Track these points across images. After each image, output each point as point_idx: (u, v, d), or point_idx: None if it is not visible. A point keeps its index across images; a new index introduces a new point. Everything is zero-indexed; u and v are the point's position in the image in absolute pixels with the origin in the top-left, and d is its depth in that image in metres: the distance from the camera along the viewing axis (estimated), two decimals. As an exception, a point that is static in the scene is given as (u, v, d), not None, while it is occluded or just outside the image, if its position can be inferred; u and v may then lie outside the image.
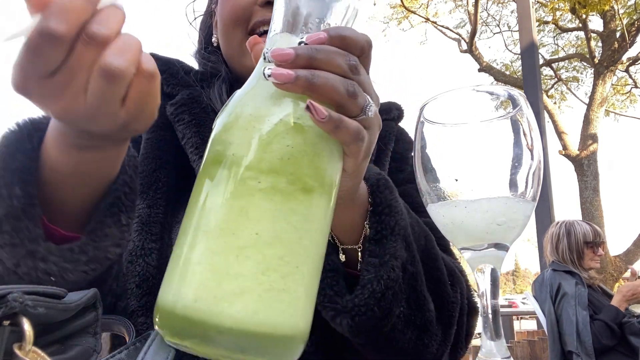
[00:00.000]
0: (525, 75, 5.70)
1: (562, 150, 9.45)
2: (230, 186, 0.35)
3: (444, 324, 0.58)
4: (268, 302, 0.33)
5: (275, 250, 0.34)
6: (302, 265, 0.35)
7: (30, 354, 0.28)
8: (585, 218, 8.32)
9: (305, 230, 0.36)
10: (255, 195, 0.35)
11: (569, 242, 2.75)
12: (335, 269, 0.54)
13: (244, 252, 0.33)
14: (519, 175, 0.38)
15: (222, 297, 0.32)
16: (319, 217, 0.37)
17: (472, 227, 0.38)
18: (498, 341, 0.37)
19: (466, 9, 11.45)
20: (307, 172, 0.36)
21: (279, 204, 0.35)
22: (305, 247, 0.36)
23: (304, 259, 0.36)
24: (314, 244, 0.37)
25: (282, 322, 0.34)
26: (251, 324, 0.32)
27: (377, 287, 0.51)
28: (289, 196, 0.35)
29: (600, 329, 2.49)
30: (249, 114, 0.37)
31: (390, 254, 0.52)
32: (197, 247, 0.34)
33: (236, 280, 0.33)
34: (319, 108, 0.35)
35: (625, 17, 9.32)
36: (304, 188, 0.36)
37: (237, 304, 0.32)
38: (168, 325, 0.34)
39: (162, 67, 0.79)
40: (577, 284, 2.62)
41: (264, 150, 0.35)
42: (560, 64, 11.82)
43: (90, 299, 0.37)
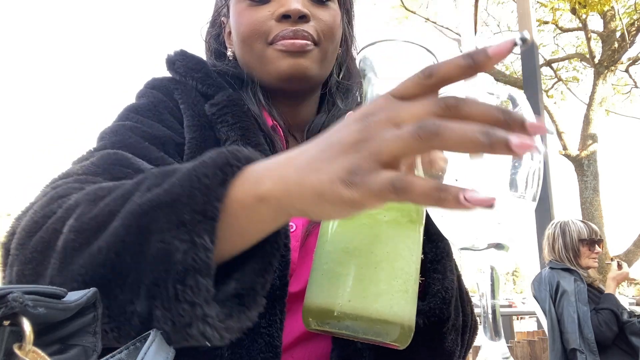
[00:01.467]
0: (525, 75, 5.70)
1: (562, 150, 9.45)
2: (364, 218, 0.49)
3: (461, 331, 0.70)
4: (398, 300, 0.47)
5: (399, 263, 0.48)
6: (413, 273, 0.50)
7: (30, 354, 0.28)
8: (585, 218, 8.32)
9: (414, 249, 0.50)
10: (383, 226, 0.49)
11: (564, 240, 2.77)
12: None
13: (380, 265, 0.47)
14: (519, 175, 0.37)
15: (368, 297, 0.46)
16: (419, 239, 0.51)
17: (471, 227, 0.38)
18: (498, 341, 0.37)
19: (466, 9, 11.43)
20: (412, 208, 0.50)
21: (398, 231, 0.49)
22: (414, 261, 0.50)
23: (414, 269, 0.50)
24: (418, 258, 0.51)
25: (405, 315, 0.48)
26: (387, 316, 0.46)
27: (446, 295, 0.63)
28: (404, 226, 0.49)
29: (607, 317, 2.51)
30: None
31: (449, 270, 0.65)
32: (344, 263, 0.48)
33: (377, 285, 0.47)
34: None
35: (625, 17, 9.33)
36: (410, 220, 0.50)
37: (380, 302, 0.46)
38: (322, 320, 0.48)
39: (196, 65, 0.78)
40: (576, 281, 2.63)
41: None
42: (560, 64, 11.82)
43: (90, 299, 0.37)
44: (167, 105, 0.74)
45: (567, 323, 2.56)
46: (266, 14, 0.74)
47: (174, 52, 0.81)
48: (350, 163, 0.35)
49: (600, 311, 2.55)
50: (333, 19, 0.77)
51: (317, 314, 0.48)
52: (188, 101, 0.74)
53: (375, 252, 0.47)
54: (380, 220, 0.48)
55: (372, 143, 0.35)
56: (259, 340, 0.61)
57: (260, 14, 0.74)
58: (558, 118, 10.11)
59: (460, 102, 0.34)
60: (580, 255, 2.74)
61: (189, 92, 0.76)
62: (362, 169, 0.34)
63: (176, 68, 0.78)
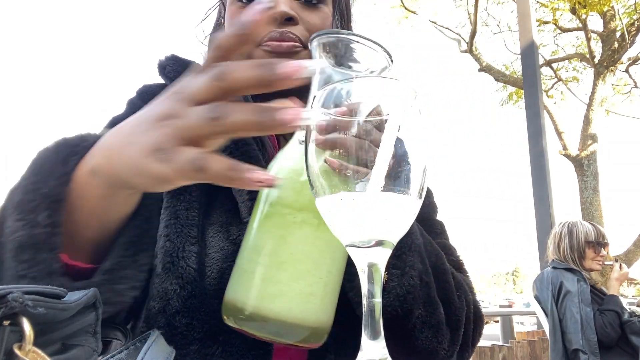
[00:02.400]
0: (525, 75, 5.70)
1: (562, 150, 9.45)
2: (275, 219, 0.49)
3: (452, 327, 0.67)
4: (298, 302, 0.47)
5: (305, 265, 0.48)
6: (325, 276, 0.49)
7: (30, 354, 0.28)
8: (585, 218, 8.32)
9: (327, 252, 0.49)
10: (291, 227, 0.48)
11: (571, 241, 2.76)
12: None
13: (282, 266, 0.47)
14: (405, 172, 0.38)
15: (267, 297, 0.46)
16: (337, 242, 0.46)
17: (357, 222, 0.37)
18: (376, 341, 0.37)
19: (466, 9, 11.45)
20: None
21: (308, 232, 0.48)
22: (326, 264, 0.49)
23: (326, 272, 0.49)
24: (334, 261, 0.50)
25: (309, 317, 0.47)
26: (286, 317, 0.46)
27: (400, 292, 0.60)
28: (315, 227, 0.48)
29: (612, 318, 2.51)
30: (289, 167, 0.50)
31: (409, 266, 0.62)
32: (252, 262, 0.49)
33: (276, 286, 0.47)
34: (332, 161, 0.41)
35: (625, 17, 9.32)
36: (323, 221, 0.46)
37: (277, 302, 0.46)
38: (233, 316, 0.48)
39: (186, 69, 0.78)
40: (579, 281, 2.63)
41: (298, 194, 0.48)
42: (560, 64, 11.82)
43: (90, 299, 0.37)
44: None
45: (569, 324, 2.55)
46: None
47: (165, 57, 0.81)
48: (157, 139, 0.37)
49: (604, 312, 2.55)
50: (322, 22, 0.77)
51: (230, 311, 0.49)
52: None
53: (279, 253, 0.47)
54: (289, 221, 0.48)
55: (177, 120, 0.37)
56: (236, 339, 0.61)
57: None
58: (558, 118, 10.10)
59: (225, 73, 0.37)
60: (585, 257, 2.72)
61: None
62: (167, 145, 0.37)
63: (166, 73, 0.79)
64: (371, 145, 0.43)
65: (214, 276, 0.64)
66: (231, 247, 0.65)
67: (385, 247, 0.39)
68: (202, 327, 0.62)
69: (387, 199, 0.37)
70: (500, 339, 6.39)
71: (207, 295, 0.63)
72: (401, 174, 0.37)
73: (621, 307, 2.57)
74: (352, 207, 0.37)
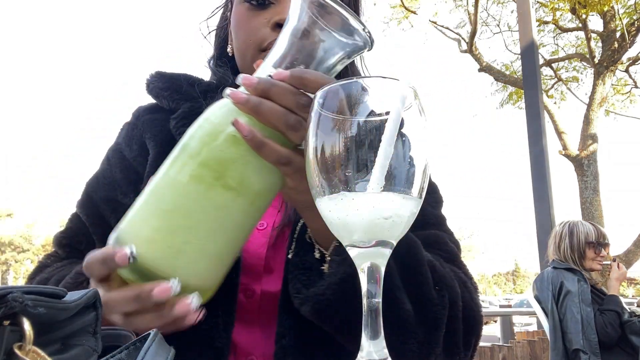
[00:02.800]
0: (525, 75, 5.70)
1: (562, 150, 9.45)
2: (176, 165, 0.48)
3: (427, 325, 0.60)
4: (166, 255, 0.46)
5: (186, 222, 0.46)
6: (203, 240, 0.47)
7: (30, 354, 0.28)
8: (585, 218, 8.32)
9: (215, 217, 0.47)
10: (187, 179, 0.46)
11: (571, 241, 2.75)
12: (308, 267, 0.61)
13: (163, 214, 0.46)
14: (407, 172, 0.38)
15: (141, 238, 0.46)
16: (232, 212, 0.47)
17: (358, 221, 0.37)
18: (376, 341, 0.37)
19: (466, 9, 11.45)
20: (231, 175, 0.47)
21: (201, 190, 0.46)
22: (209, 228, 0.47)
23: (206, 236, 0.47)
24: (223, 230, 0.48)
25: (174, 273, 0.45)
26: (150, 265, 0.45)
27: (333, 280, 0.57)
28: (210, 187, 0.46)
29: (612, 318, 2.51)
30: (205, 118, 0.49)
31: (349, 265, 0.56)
32: (142, 199, 0.48)
33: (151, 232, 0.46)
34: (242, 125, 0.46)
35: (625, 17, 9.33)
36: (224, 185, 0.46)
37: (146, 247, 0.45)
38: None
39: (165, 84, 0.83)
40: (580, 281, 2.62)
41: (204, 148, 0.47)
42: (560, 64, 11.82)
43: (90, 298, 0.37)
44: (137, 137, 0.83)
45: (570, 323, 2.55)
46: (262, 21, 0.74)
47: (150, 75, 0.85)
48: None
49: (605, 312, 2.55)
50: None
51: (114, 242, 0.48)
52: (154, 123, 0.81)
53: (165, 199, 0.47)
54: (185, 171, 0.47)
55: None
56: (198, 343, 0.62)
57: (257, 21, 0.75)
58: (558, 118, 10.10)
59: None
60: (585, 257, 2.72)
61: (159, 113, 0.82)
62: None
63: (150, 91, 0.83)
64: (302, 121, 0.47)
65: None
66: None
67: (385, 247, 0.39)
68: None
69: (387, 199, 0.37)
70: (500, 339, 6.39)
71: None
72: (401, 174, 0.37)
73: (621, 307, 2.57)
74: (352, 207, 0.37)
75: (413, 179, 0.38)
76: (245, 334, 0.68)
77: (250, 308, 0.68)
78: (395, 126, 0.37)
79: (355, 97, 0.39)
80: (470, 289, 0.69)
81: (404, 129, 0.38)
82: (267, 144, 0.47)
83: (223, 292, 0.63)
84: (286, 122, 0.47)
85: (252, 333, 0.68)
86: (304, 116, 0.46)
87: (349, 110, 0.39)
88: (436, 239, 0.75)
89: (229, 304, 0.64)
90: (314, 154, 0.39)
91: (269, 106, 0.47)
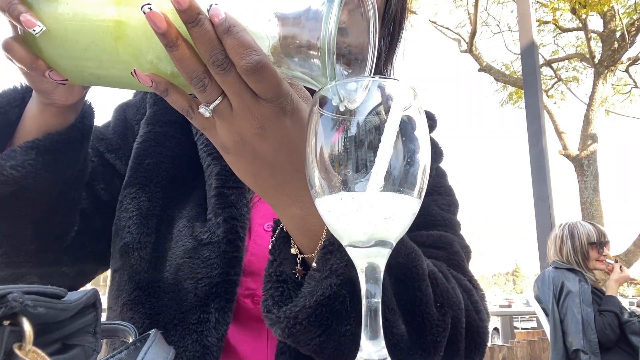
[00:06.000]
0: (525, 75, 5.70)
1: (562, 150, 9.46)
2: None
3: (425, 349, 0.55)
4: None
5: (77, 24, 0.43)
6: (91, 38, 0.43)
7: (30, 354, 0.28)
8: (585, 218, 8.32)
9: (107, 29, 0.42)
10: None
11: (573, 244, 2.74)
12: (284, 280, 0.53)
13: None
14: (407, 172, 0.38)
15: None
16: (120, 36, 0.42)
17: (357, 221, 0.37)
18: (375, 340, 0.37)
19: (466, 9, 11.45)
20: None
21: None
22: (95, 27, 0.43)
23: (95, 36, 0.43)
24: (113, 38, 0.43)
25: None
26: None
27: (308, 303, 0.49)
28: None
29: (611, 320, 2.51)
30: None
31: (330, 269, 0.50)
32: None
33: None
34: (142, 76, 0.42)
35: (625, 17, 9.33)
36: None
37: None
38: None
39: None
40: (580, 281, 2.62)
41: None
42: (560, 64, 11.82)
43: (90, 298, 0.37)
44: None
45: (571, 324, 2.55)
46: None
47: None
48: None
49: (603, 313, 2.55)
50: None
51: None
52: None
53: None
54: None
55: None
56: (187, 338, 0.61)
57: None
58: (558, 118, 10.11)
59: None
60: (589, 258, 2.71)
61: None
62: None
63: None
64: (207, 81, 0.41)
65: (170, 271, 0.64)
66: (192, 243, 0.65)
67: (384, 247, 0.39)
68: (143, 321, 0.62)
69: (386, 198, 0.37)
70: (500, 339, 6.39)
71: (158, 290, 0.64)
72: (401, 174, 0.37)
73: (620, 307, 2.57)
74: (352, 207, 0.37)
75: (413, 179, 0.38)
76: (250, 341, 0.65)
77: (258, 315, 0.61)
78: (394, 126, 0.37)
79: (354, 97, 0.39)
80: (476, 300, 0.63)
81: (403, 129, 0.38)
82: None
83: (219, 288, 0.62)
84: (190, 78, 0.40)
85: (258, 341, 0.65)
86: (217, 78, 0.40)
87: (348, 110, 0.39)
88: (440, 238, 0.70)
89: (224, 302, 0.62)
90: (313, 153, 0.39)
91: (180, 54, 0.39)
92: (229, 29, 0.38)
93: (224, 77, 0.40)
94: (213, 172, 0.69)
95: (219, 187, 0.67)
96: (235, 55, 0.39)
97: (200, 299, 0.62)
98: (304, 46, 0.40)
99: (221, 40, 0.39)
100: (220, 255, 0.63)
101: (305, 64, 0.41)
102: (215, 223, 0.65)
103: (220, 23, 0.38)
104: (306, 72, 0.42)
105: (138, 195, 0.69)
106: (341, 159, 0.37)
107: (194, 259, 0.64)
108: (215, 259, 0.63)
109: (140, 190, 0.69)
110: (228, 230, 0.64)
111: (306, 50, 0.40)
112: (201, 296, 0.62)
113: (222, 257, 0.63)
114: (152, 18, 0.37)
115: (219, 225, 0.65)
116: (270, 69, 0.39)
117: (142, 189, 0.69)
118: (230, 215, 0.65)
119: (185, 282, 0.63)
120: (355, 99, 0.39)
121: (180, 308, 0.62)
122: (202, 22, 0.38)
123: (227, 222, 0.65)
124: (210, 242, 0.64)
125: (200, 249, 0.64)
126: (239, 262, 0.64)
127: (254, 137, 0.43)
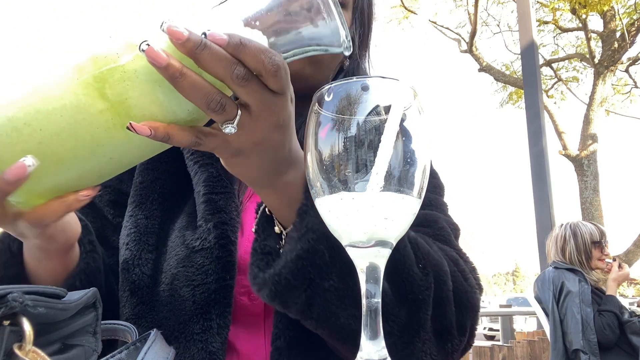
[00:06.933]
0: (525, 75, 5.70)
1: (562, 150, 9.46)
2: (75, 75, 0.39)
3: (409, 307, 0.56)
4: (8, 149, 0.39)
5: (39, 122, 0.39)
6: (55, 142, 0.39)
7: (30, 354, 0.28)
8: (585, 218, 8.32)
9: (75, 128, 0.39)
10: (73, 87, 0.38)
11: (576, 243, 2.73)
12: (269, 252, 0.55)
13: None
14: (407, 172, 0.38)
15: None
16: (94, 122, 0.39)
17: (357, 221, 0.37)
18: (375, 340, 0.37)
19: (466, 9, 11.45)
20: (114, 87, 0.38)
21: (71, 103, 0.38)
22: (65, 132, 0.39)
23: (61, 139, 0.39)
24: (83, 143, 0.40)
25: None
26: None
27: (290, 257, 0.51)
28: (88, 104, 0.38)
29: (610, 319, 2.51)
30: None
31: (307, 227, 0.51)
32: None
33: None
34: (139, 126, 0.39)
35: (625, 17, 9.33)
36: (100, 93, 0.38)
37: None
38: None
39: None
40: (580, 282, 2.62)
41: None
42: (560, 64, 11.82)
43: (90, 299, 0.37)
44: None
45: (570, 324, 2.54)
46: None
47: None
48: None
49: (603, 313, 2.55)
50: None
51: None
52: None
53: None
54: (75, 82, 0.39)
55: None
56: (192, 347, 0.61)
57: None
58: (558, 118, 10.11)
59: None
60: (592, 257, 2.70)
61: None
62: None
63: None
64: (227, 101, 0.40)
65: (166, 282, 0.65)
66: (185, 251, 0.66)
67: (384, 247, 0.39)
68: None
69: (386, 199, 0.37)
70: (500, 339, 6.39)
71: (158, 303, 0.65)
72: (400, 174, 0.37)
73: (619, 307, 2.57)
74: (352, 207, 0.37)
75: (412, 179, 0.38)
76: (248, 337, 0.67)
77: (255, 311, 0.67)
78: (394, 126, 0.37)
79: (354, 97, 0.39)
80: (463, 269, 0.63)
81: (403, 129, 0.38)
82: (171, 135, 0.41)
83: (217, 294, 0.63)
84: (208, 103, 0.39)
85: (256, 336, 0.67)
86: (240, 91, 0.40)
87: (348, 110, 0.39)
88: (425, 217, 0.69)
89: (223, 307, 0.64)
90: (313, 153, 0.39)
91: (190, 83, 0.38)
92: (241, 41, 0.38)
93: (247, 88, 0.40)
94: (201, 180, 0.69)
95: (208, 194, 0.68)
96: (257, 64, 0.39)
97: (199, 307, 0.63)
98: (305, 8, 0.43)
99: (236, 54, 0.38)
100: (214, 261, 0.64)
101: (308, 31, 0.44)
102: (205, 229, 0.66)
103: (228, 40, 0.38)
104: (313, 36, 0.44)
105: (135, 213, 0.70)
106: (341, 159, 0.38)
107: (187, 267, 0.65)
108: (209, 265, 0.64)
109: (137, 209, 0.71)
110: (219, 236, 0.65)
111: (307, 13, 0.43)
112: (200, 303, 0.63)
113: (216, 263, 0.64)
114: (151, 54, 0.36)
115: (210, 231, 0.65)
116: (285, 63, 0.41)
117: (138, 207, 0.71)
118: (220, 221, 0.66)
119: (182, 290, 0.64)
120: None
121: (179, 318, 0.63)
122: (209, 44, 0.37)
123: (217, 228, 0.65)
124: (202, 249, 0.65)
125: (193, 256, 0.65)
126: (233, 266, 0.65)
127: (274, 131, 0.45)
